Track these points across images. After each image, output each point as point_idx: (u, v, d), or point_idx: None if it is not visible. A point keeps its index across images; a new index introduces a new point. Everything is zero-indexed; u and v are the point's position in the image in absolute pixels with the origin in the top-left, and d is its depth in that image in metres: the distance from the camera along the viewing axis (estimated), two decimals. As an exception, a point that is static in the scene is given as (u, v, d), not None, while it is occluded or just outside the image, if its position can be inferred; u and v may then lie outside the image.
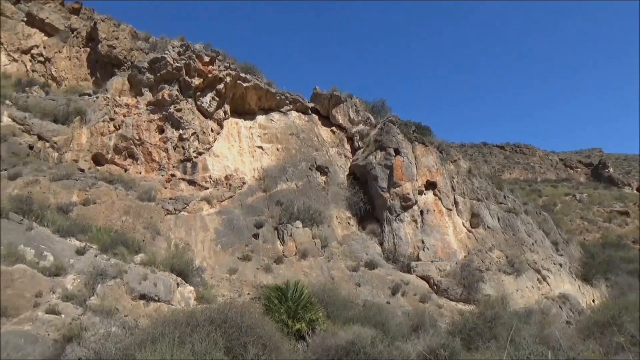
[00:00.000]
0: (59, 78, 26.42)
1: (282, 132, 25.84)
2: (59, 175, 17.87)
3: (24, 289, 11.96)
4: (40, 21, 28.20)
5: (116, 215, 17.37)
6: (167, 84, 23.09)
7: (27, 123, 19.81)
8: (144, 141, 21.66)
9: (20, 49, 27.35)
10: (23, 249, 13.16)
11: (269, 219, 20.91)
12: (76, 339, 10.59)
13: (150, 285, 13.52)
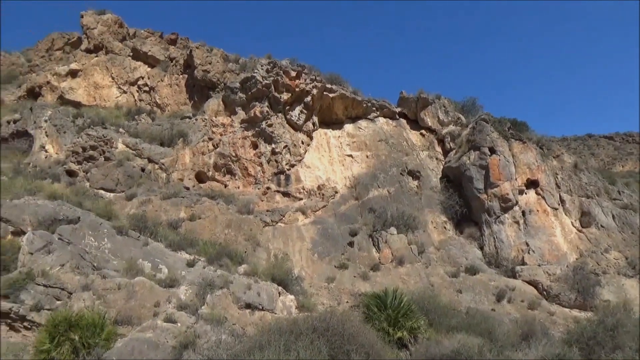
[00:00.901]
0: (162, 104, 28.71)
1: (371, 139, 25.83)
2: (168, 194, 19.41)
3: (145, 299, 13.08)
4: (144, 54, 30.96)
5: (219, 229, 18.44)
6: (258, 101, 24.10)
7: (139, 148, 21.77)
8: (240, 157, 22.79)
9: (128, 81, 30.20)
10: (142, 263, 14.43)
11: (363, 227, 20.92)
12: (191, 346, 11.34)
13: (254, 295, 14.12)
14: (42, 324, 11.72)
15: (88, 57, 30.97)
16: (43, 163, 21.30)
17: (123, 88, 30.01)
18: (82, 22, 32.64)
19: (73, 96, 28.52)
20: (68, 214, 15.22)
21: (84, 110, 24.70)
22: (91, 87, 29.46)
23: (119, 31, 33.15)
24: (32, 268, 12.91)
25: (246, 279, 14.67)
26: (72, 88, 28.97)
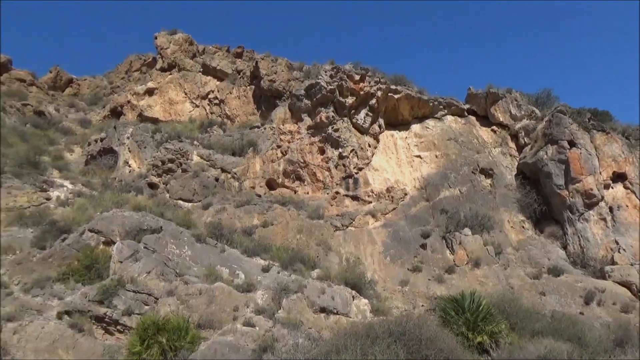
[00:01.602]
0: (232, 116, 29.83)
1: (439, 139, 25.22)
2: (241, 202, 20.12)
3: (224, 304, 13.59)
4: (213, 69, 32.37)
5: (291, 234, 18.80)
6: (323, 107, 24.33)
7: (212, 159, 22.76)
8: (308, 163, 23.11)
9: (200, 95, 31.69)
10: (220, 269, 15.02)
11: (435, 228, 20.44)
12: (270, 349, 11.62)
13: (328, 299, 14.22)
14: (133, 327, 12.51)
15: (163, 76, 32.86)
16: (127, 177, 22.87)
17: (195, 102, 31.51)
18: (156, 43, 34.70)
19: (151, 113, 30.38)
20: (151, 224, 16.18)
21: (161, 126, 26.22)
22: (167, 104, 31.21)
23: (190, 49, 34.90)
24: (122, 275, 13.84)
25: (320, 283, 14.82)
26: (150, 105, 30.85)
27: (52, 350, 12.00)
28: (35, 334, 12.38)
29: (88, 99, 39.32)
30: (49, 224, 17.05)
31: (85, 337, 12.35)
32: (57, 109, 34.41)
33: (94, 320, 12.80)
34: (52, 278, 14.48)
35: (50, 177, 22.01)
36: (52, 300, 13.75)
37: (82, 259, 14.95)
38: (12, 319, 12.82)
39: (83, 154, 26.81)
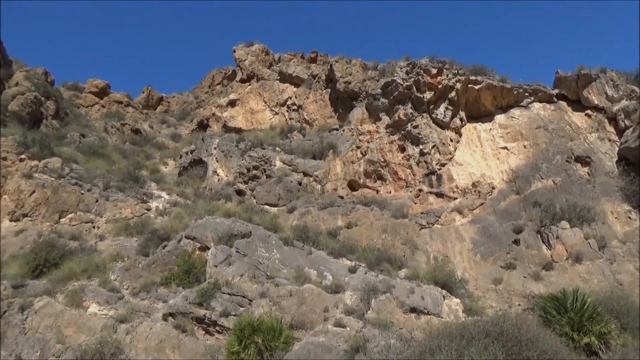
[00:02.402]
0: (310, 120, 30.35)
1: (527, 128, 23.84)
2: (324, 204, 20.42)
3: (314, 305, 13.85)
4: (289, 76, 33.15)
5: (376, 235, 18.73)
6: (401, 104, 24.01)
7: (294, 163, 23.33)
8: (388, 162, 22.91)
9: (279, 103, 32.60)
10: (308, 271, 15.32)
11: (528, 223, 19.33)
12: (362, 349, 11.66)
13: (418, 299, 13.98)
14: (230, 328, 13.15)
15: (243, 87, 34.26)
16: (216, 185, 24.11)
17: (275, 110, 32.46)
18: (234, 55, 36.26)
19: (234, 123, 31.77)
20: (241, 229, 16.90)
21: (244, 135, 27.34)
22: (248, 113, 32.47)
23: (266, 58, 36.06)
24: (218, 279, 14.60)
25: (408, 283, 14.62)
26: (233, 116, 32.28)
27: (160, 350, 12.94)
28: (145, 334, 13.44)
29: (177, 114, 42.04)
30: (151, 233, 18.42)
31: (189, 337, 13.18)
32: (151, 126, 37.17)
33: (195, 321, 13.62)
34: (156, 282, 15.63)
35: (149, 190, 23.81)
36: (158, 303, 14.85)
37: (181, 264, 15.99)
38: (124, 320, 14.03)
39: (176, 166, 28.68)
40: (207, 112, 34.56)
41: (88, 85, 39.44)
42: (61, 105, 33.36)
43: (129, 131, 33.88)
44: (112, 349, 12.84)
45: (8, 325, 14.49)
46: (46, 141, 24.13)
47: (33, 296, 15.19)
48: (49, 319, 14.35)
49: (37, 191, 21.14)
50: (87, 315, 14.36)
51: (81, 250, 18.37)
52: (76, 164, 23.69)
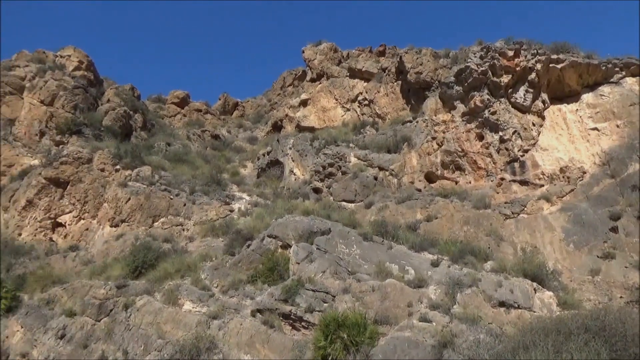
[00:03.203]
0: (382, 114, 30.11)
1: (619, 106, 21.92)
2: (401, 198, 20.19)
3: (397, 300, 13.75)
4: (359, 71, 33.08)
5: (457, 227, 18.20)
6: (477, 91, 23.08)
7: (369, 158, 23.28)
8: (466, 152, 22.14)
9: (350, 99, 32.67)
10: (389, 266, 15.24)
11: (627, 209, 17.79)
12: (450, 345, 11.38)
13: (506, 292, 13.41)
14: (316, 323, 13.40)
15: (313, 86, 34.73)
16: (294, 184, 24.68)
17: (346, 106, 32.58)
18: (303, 56, 36.85)
19: (307, 123, 32.31)
20: (320, 226, 17.16)
21: (318, 133, 27.73)
22: (320, 112, 32.87)
23: (335, 56, 36.27)
24: (301, 276, 14.95)
25: (495, 276, 14.07)
26: (305, 116, 32.83)
27: (251, 344, 13.51)
28: (236, 329, 14.09)
29: (252, 118, 43.55)
30: (235, 233, 19.25)
31: (277, 333, 13.62)
32: (228, 130, 38.83)
33: (282, 317, 14.04)
34: (243, 280, 16.31)
35: (231, 192, 24.92)
36: (246, 300, 15.49)
37: (265, 262, 16.55)
38: (216, 317, 14.81)
39: (254, 168, 29.72)
40: (281, 114, 35.44)
41: (170, 97, 42.02)
42: (147, 117, 35.82)
43: (209, 137, 35.63)
44: (207, 343, 13.61)
45: (114, 322, 15.87)
46: (137, 151, 26.04)
47: (134, 295, 16.48)
48: (150, 316, 15.50)
49: (132, 198, 22.86)
50: (182, 312, 15.32)
51: (173, 252, 19.63)
52: (164, 171, 25.33)
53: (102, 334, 15.62)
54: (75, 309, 16.57)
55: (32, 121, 29.75)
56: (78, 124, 30.21)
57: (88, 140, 28.71)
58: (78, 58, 34.39)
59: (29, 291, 18.51)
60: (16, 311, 17.38)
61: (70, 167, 24.82)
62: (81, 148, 25.94)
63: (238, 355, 13.38)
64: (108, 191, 23.91)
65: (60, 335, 15.85)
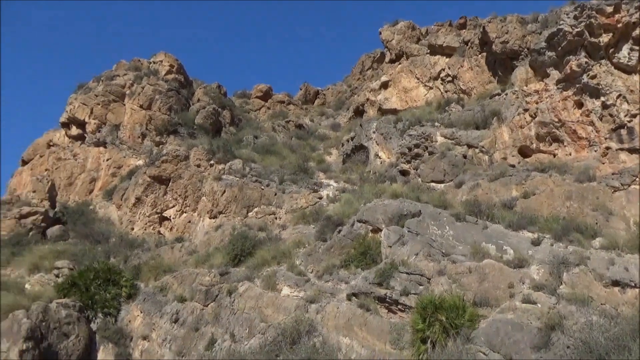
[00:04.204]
0: (467, 90, 28.88)
1: None
2: (494, 175, 19.33)
3: (496, 281, 13.28)
4: (439, 47, 31.92)
5: (559, 202, 17.08)
6: (572, 55, 21.33)
7: (456, 136, 22.52)
8: (564, 121, 20.61)
9: (431, 77, 31.69)
10: (485, 246, 14.74)
11: None
12: (558, 327, 10.81)
13: (620, 270, 12.41)
14: (412, 306, 13.37)
15: (393, 67, 34.14)
16: (380, 168, 24.59)
17: (428, 85, 31.68)
18: (381, 37, 36.28)
19: (389, 105, 31.90)
20: (410, 208, 16.98)
21: (401, 115, 27.31)
22: (401, 93, 32.28)
23: (413, 34, 35.30)
24: (393, 259, 14.94)
25: (606, 254, 13.06)
26: (387, 98, 32.43)
27: (349, 327, 13.80)
28: (333, 313, 14.47)
29: (334, 105, 43.86)
30: (325, 219, 19.65)
31: (373, 316, 13.78)
32: (311, 119, 39.48)
33: (377, 300, 14.16)
34: (336, 265, 16.66)
35: (319, 179, 25.41)
36: (340, 284, 15.83)
37: (357, 247, 16.75)
38: (313, 301, 15.31)
39: (339, 154, 30.00)
40: (362, 98, 35.31)
41: (254, 91, 43.57)
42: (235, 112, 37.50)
43: (293, 127, 36.50)
44: (306, 326, 14.13)
45: (220, 307, 16.98)
46: (228, 146, 27.43)
47: (236, 281, 17.51)
48: (252, 300, 16.40)
49: (227, 191, 24.18)
50: (281, 297, 16.03)
51: (268, 240, 20.52)
52: (254, 163, 26.44)
53: (210, 317, 16.81)
54: (185, 295, 17.97)
55: (134, 125, 32.41)
56: (174, 124, 32.44)
57: (184, 139, 30.75)
58: (169, 62, 36.73)
59: (144, 280, 20.38)
60: (135, 298, 19.21)
61: (170, 165, 26.76)
62: (178, 146, 27.85)
63: (337, 338, 13.74)
64: (205, 185, 25.49)
65: (174, 319, 17.30)
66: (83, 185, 31.29)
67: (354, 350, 13.14)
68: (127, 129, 32.51)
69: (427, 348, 11.92)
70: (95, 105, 32.72)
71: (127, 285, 19.45)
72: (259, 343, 14.55)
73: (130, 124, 32.62)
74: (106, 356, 17.38)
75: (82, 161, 32.22)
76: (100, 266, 19.75)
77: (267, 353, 13.63)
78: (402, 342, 12.66)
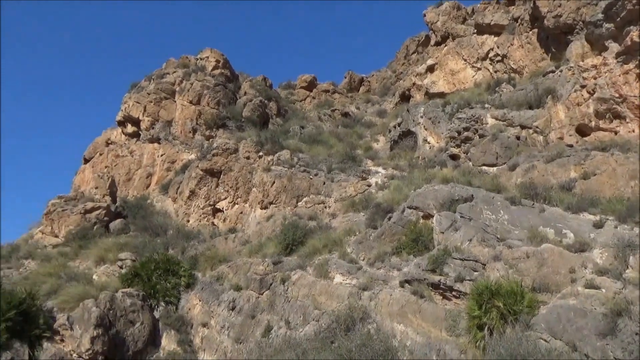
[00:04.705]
0: (518, 68, 27.77)
1: None
2: (550, 156, 18.55)
3: (556, 266, 12.81)
4: (487, 26, 30.80)
5: (622, 182, 16.19)
6: (632, 25, 20.01)
7: (508, 118, 21.75)
8: (625, 96, 19.43)
9: (479, 57, 30.68)
10: (543, 230, 14.23)
11: None
12: (625, 313, 10.33)
13: (693, 253, 11.66)
14: (467, 292, 13.15)
15: (439, 50, 33.33)
16: (428, 153, 24.19)
17: (476, 66, 30.74)
18: (425, 20, 35.46)
19: (436, 88, 31.23)
20: (462, 193, 16.64)
21: (449, 98, 26.66)
22: (448, 75, 31.50)
23: (458, 14, 34.28)
24: (446, 245, 14.72)
25: (677, 235, 12.29)
26: (433, 82, 31.75)
27: (403, 314, 13.78)
28: (386, 300, 14.48)
29: (379, 91, 43.42)
30: (375, 207, 19.61)
31: (427, 303, 13.68)
32: (357, 107, 39.30)
33: (431, 287, 14.03)
34: (388, 252, 16.62)
35: (367, 167, 25.34)
36: (393, 272, 15.81)
37: (408, 233, 16.62)
38: (366, 288, 15.37)
39: (387, 141, 29.72)
40: (407, 83, 34.74)
41: (298, 82, 43.82)
42: (280, 103, 37.91)
43: (339, 116, 36.49)
44: (360, 313, 14.23)
45: (275, 295, 17.39)
46: (275, 137, 27.82)
47: (289, 270, 17.84)
48: (305, 289, 16.68)
49: (276, 181, 24.57)
50: (334, 285, 16.20)
51: (319, 229, 20.73)
52: (301, 153, 26.69)
53: (265, 305, 17.27)
54: (240, 284, 18.53)
55: (185, 120, 33.45)
56: (222, 118, 33.23)
57: (232, 132, 31.46)
58: (215, 58, 37.53)
59: (201, 269, 21.16)
60: (193, 287, 20.01)
61: (220, 158, 27.48)
62: (227, 140, 28.52)
63: (391, 325, 13.76)
64: (255, 177, 26.02)
65: (232, 307, 17.89)
66: (140, 180, 32.73)
67: (409, 337, 13.11)
68: (179, 125, 33.61)
69: (484, 335, 11.71)
70: (148, 103, 34.02)
71: (186, 275, 20.27)
72: (313, 330, 14.81)
73: (181, 119, 33.69)
74: (169, 342, 18.24)
75: (139, 157, 33.67)
76: (160, 257, 20.69)
77: (322, 339, 13.84)
78: (458, 329, 12.51)
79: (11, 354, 14.81)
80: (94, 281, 20.65)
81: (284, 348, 14.34)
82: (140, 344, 17.62)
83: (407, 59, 42.87)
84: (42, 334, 15.94)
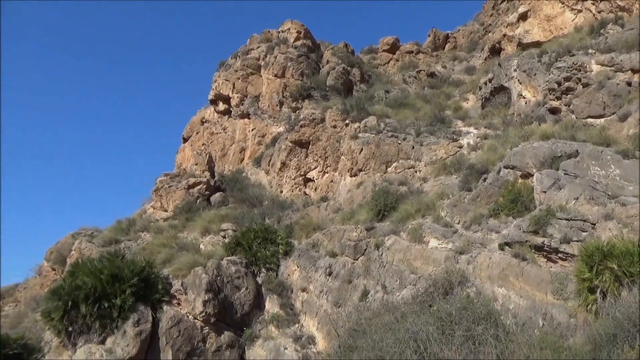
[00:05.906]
0: (626, 6, 24.75)
1: None
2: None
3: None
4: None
5: None
6: None
7: (616, 62, 19.61)
8: None
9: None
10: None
11: None
12: None
13: None
14: (574, 254, 12.39)
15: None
16: (524, 109, 22.65)
17: (576, 8, 27.89)
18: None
19: (530, 38, 28.92)
20: (564, 149, 15.50)
21: (545, 47, 24.54)
22: (544, 22, 28.97)
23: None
24: (549, 204, 13.89)
25: None
26: (527, 31, 29.40)
27: (504, 277, 13.37)
28: (485, 263, 14.10)
29: (466, 47, 41.11)
30: (468, 168, 18.94)
31: (530, 265, 13.12)
32: (443, 66, 37.62)
33: (534, 249, 13.41)
34: (484, 215, 16.06)
35: (457, 128, 24.37)
36: (490, 234, 15.29)
37: (506, 194, 15.90)
38: (462, 252, 15.06)
39: (477, 99, 28.26)
40: (497, 35, 32.51)
41: (380, 45, 42.79)
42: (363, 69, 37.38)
43: (425, 77, 35.23)
44: (458, 277, 14.01)
45: (370, 261, 17.66)
46: (361, 104, 27.62)
47: (382, 236, 17.95)
48: (399, 253, 16.73)
49: (364, 148, 24.54)
50: (429, 249, 16.06)
51: (410, 193, 20.50)
52: (388, 118, 26.28)
53: (361, 270, 17.61)
54: (335, 250, 19.02)
55: (272, 94, 34.31)
56: (307, 89, 33.59)
57: (318, 102, 31.73)
58: (296, 29, 37.73)
59: (297, 237, 22.01)
60: (291, 254, 20.90)
61: (308, 129, 27.96)
62: (314, 110, 28.87)
63: (492, 289, 13.42)
64: (342, 145, 26.19)
65: (328, 273, 18.50)
66: (234, 155, 34.43)
67: (512, 301, 12.72)
68: (266, 99, 34.58)
69: (596, 298, 11.03)
70: (236, 80, 35.30)
71: (283, 243, 21.21)
72: (411, 294, 14.87)
73: (268, 93, 34.61)
74: (272, 306, 19.38)
75: (231, 133, 35.33)
76: (258, 227, 21.81)
77: (420, 303, 13.87)
78: (566, 292, 11.89)
79: (137, 315, 16.68)
80: (201, 250, 22.36)
81: (382, 311, 14.59)
82: (246, 307, 18.91)
83: (496, 9, 39.90)
84: (161, 298, 17.69)
